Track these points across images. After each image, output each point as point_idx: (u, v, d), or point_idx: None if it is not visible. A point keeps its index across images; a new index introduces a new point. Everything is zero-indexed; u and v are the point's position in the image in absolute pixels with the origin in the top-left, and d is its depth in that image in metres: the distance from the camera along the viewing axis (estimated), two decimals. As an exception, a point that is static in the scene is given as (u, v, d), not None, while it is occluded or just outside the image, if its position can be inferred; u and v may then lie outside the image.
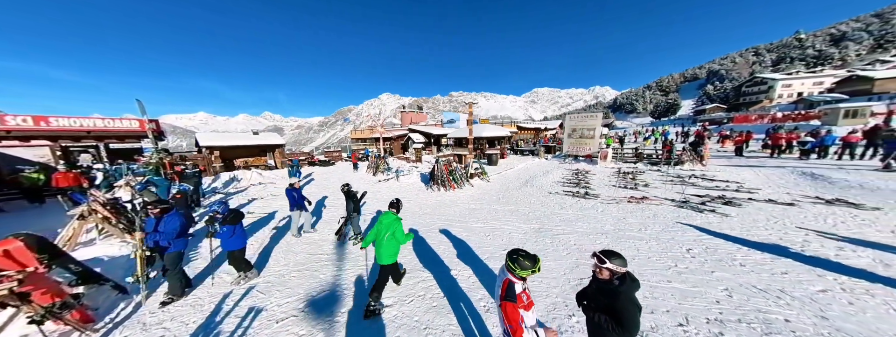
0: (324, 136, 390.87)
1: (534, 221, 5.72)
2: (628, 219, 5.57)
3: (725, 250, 4.14)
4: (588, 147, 14.58)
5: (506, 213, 6.43)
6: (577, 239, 4.73)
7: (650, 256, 4.08)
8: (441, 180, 9.11)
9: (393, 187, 10.16)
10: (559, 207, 6.65)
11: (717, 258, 3.94)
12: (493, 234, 5.16)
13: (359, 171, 14.53)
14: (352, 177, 13.19)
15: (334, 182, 11.99)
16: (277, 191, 10.16)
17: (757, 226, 4.92)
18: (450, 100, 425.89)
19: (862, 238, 4.17)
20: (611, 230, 5.02)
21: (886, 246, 3.90)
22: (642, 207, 6.40)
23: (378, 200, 8.19)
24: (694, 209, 5.99)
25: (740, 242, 4.32)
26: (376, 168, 13.02)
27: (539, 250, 4.39)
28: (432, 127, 26.73)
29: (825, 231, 4.50)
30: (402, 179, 10.93)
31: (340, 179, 12.39)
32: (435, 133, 23.32)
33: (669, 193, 7.68)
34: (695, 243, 4.39)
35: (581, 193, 7.75)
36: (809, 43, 68.88)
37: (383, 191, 9.63)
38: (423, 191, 9.28)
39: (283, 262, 4.55)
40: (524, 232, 5.20)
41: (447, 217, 6.32)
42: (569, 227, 5.32)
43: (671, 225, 5.12)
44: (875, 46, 58.51)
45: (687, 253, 4.12)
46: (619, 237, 4.70)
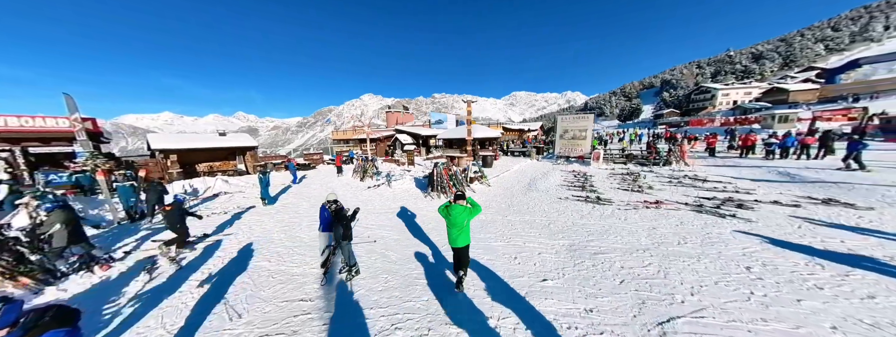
0: (302, 138, 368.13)
1: (559, 236, 4.76)
2: (658, 229, 4.82)
3: (785, 267, 3.47)
4: (580, 148, 14.27)
5: (523, 225, 5.41)
6: (621, 259, 3.82)
7: (716, 280, 3.26)
8: (441, 186, 7.90)
9: (385, 195, 8.73)
10: (578, 216, 5.78)
11: (786, 279, 3.23)
12: (520, 256, 4.09)
13: (343, 175, 12.76)
14: (336, 183, 11.45)
15: (316, 191, 10.19)
16: (246, 201, 8.25)
17: (786, 231, 4.41)
18: (432, 101, 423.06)
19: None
20: (650, 245, 4.20)
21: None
22: (662, 212, 5.76)
23: (373, 215, 6.74)
24: (714, 214, 5.44)
25: (790, 254, 3.71)
26: (364, 172, 11.42)
27: (585, 279, 3.40)
28: (419, 127, 25.29)
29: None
30: (394, 185, 9.53)
31: (323, 188, 10.61)
32: (423, 134, 21.94)
33: (676, 195, 7.22)
34: (747, 259, 3.69)
35: (593, 199, 7.00)
36: (737, 59, 77.84)
37: (375, 200, 8.16)
38: (422, 199, 7.99)
39: (241, 322, 2.93)
40: (555, 250, 4.20)
41: None
42: (601, 242, 4.43)
43: (706, 235, 4.43)
44: (783, 64, 67.59)
45: (750, 273, 3.37)
46: (664, 255, 3.87)
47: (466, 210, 3.17)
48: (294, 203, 8.22)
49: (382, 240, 4.95)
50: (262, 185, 7.60)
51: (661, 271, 3.46)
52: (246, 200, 8.46)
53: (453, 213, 3.14)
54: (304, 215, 6.83)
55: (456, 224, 3.12)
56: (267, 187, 7.67)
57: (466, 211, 3.16)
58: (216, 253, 4.57)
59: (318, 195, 9.16)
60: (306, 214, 6.98)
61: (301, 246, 4.87)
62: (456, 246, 3.19)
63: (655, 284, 3.20)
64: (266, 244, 4.92)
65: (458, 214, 3.13)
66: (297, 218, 6.60)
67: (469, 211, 3.18)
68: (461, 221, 3.12)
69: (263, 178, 7.69)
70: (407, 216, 6.35)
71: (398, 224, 5.80)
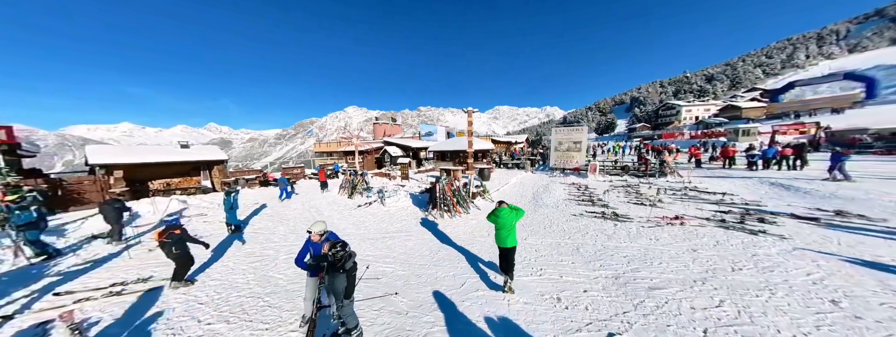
0: (281, 150, 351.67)
1: (596, 264, 4.05)
2: (700, 251, 4.29)
3: (864, 296, 2.99)
4: (575, 160, 14.20)
5: (549, 250, 4.67)
6: (685, 296, 3.15)
7: (816, 324, 2.64)
8: (445, 204, 7.04)
9: (379, 215, 7.67)
10: (604, 237, 5.16)
11: (884, 315, 2.71)
12: (563, 296, 3.27)
13: (329, 191, 11.46)
14: (320, 200, 10.15)
15: (296, 211, 8.78)
16: (206, 227, 6.78)
17: (833, 248, 4.06)
18: (418, 114, 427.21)
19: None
20: (705, 274, 3.60)
21: None
22: (689, 229, 5.30)
23: (368, 243, 5.68)
24: (743, 230, 5.07)
25: (858, 277, 3.26)
26: (352, 188, 10.27)
27: (660, 331, 2.65)
28: (410, 139, 24.51)
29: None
30: (389, 203, 8.51)
31: (305, 207, 9.23)
32: (414, 146, 21.14)
33: (689, 209, 6.91)
34: (822, 288, 3.18)
35: (610, 215, 6.49)
36: (693, 80, 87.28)
37: (368, 222, 7.08)
38: (421, 218, 7.04)
39: None
40: (601, 285, 3.45)
41: (479, 264, 4.26)
42: (648, 270, 3.77)
43: (755, 258, 3.94)
44: (731, 85, 76.67)
45: (840, 309, 2.83)
46: (730, 288, 3.27)
47: (512, 212, 3.51)
48: (268, 228, 6.88)
49: (386, 277, 3.94)
50: (225, 207, 6.20)
51: (741, 312, 2.81)
52: (207, 226, 6.99)
53: (502, 215, 3.46)
54: (282, 244, 5.59)
55: (505, 226, 3.43)
56: (233, 210, 6.20)
57: (513, 213, 3.50)
58: (149, 310, 3.29)
59: (298, 218, 7.86)
60: (283, 242, 5.73)
61: (275, 292, 3.70)
62: (505, 246, 3.44)
63: (747, 334, 2.53)
64: (226, 292, 3.71)
65: (506, 216, 3.45)
66: (272, 249, 5.34)
67: (515, 213, 3.51)
68: (510, 222, 3.44)
69: (228, 198, 6.20)
70: (410, 242, 5.37)
71: (401, 254, 4.81)
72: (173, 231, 3.61)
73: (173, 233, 3.59)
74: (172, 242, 3.57)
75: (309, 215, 7.92)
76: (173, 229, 3.63)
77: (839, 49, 69.64)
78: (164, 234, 3.57)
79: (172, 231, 3.60)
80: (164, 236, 3.55)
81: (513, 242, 3.42)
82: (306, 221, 7.24)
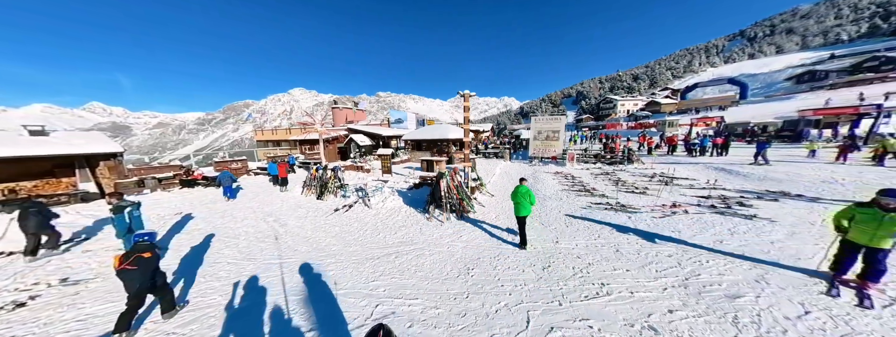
0: (206, 138, 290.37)
1: (650, 269, 3.61)
2: (725, 242, 4.26)
3: None
4: (553, 149, 14.46)
5: (591, 254, 4.08)
6: (766, 304, 2.85)
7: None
8: (451, 204, 5.92)
9: (365, 221, 6.14)
10: (631, 234, 4.85)
11: None
12: (657, 324, 2.63)
13: (289, 191, 9.10)
14: (279, 204, 7.89)
15: (250, 231, 6.52)
16: (89, 263, 4.23)
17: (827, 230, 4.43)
18: (377, 100, 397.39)
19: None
20: (757, 270, 3.45)
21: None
22: (693, 217, 5.42)
23: (369, 264, 4.24)
24: (738, 216, 5.38)
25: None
26: (322, 187, 8.23)
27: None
28: (378, 127, 21.88)
29: None
30: (374, 203, 6.97)
31: (260, 219, 6.84)
32: (385, 134, 18.89)
33: (675, 195, 7.33)
34: None
35: (617, 206, 6.37)
36: (624, 78, 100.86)
37: (355, 231, 5.53)
38: (424, 223, 5.81)
39: None
40: (680, 301, 2.93)
41: (536, 284, 3.37)
42: (705, 273, 3.46)
43: (775, 244, 4.02)
44: (650, 84, 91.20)
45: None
46: (788, 285, 3.12)
47: (529, 191, 4.42)
48: (204, 255, 4.75)
49: (418, 324, 2.74)
50: (119, 230, 3.84)
51: (832, 321, 2.58)
52: (91, 259, 4.45)
53: (521, 191, 4.40)
54: (236, 299, 3.71)
55: (523, 201, 4.33)
56: (130, 235, 3.90)
57: (529, 191, 4.42)
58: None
59: (251, 233, 5.75)
60: (237, 287, 3.86)
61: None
62: (521, 215, 4.36)
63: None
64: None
65: (525, 192, 4.39)
66: (218, 302, 3.47)
67: (530, 192, 4.42)
68: (528, 197, 4.36)
69: (121, 216, 3.86)
70: (426, 260, 4.17)
71: (422, 280, 3.60)
72: (141, 255, 2.66)
73: (141, 257, 2.65)
74: (141, 271, 2.61)
75: (266, 227, 5.89)
76: (142, 252, 2.68)
77: (719, 60, 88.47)
78: (129, 258, 2.59)
79: (140, 255, 2.65)
80: (129, 262, 2.57)
81: (527, 212, 4.35)
82: (263, 238, 5.29)
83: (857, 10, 72.43)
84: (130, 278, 2.60)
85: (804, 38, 74.18)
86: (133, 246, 2.78)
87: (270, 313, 3.00)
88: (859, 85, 33.84)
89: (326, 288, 3.46)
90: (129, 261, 2.59)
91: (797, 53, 67.07)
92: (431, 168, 12.61)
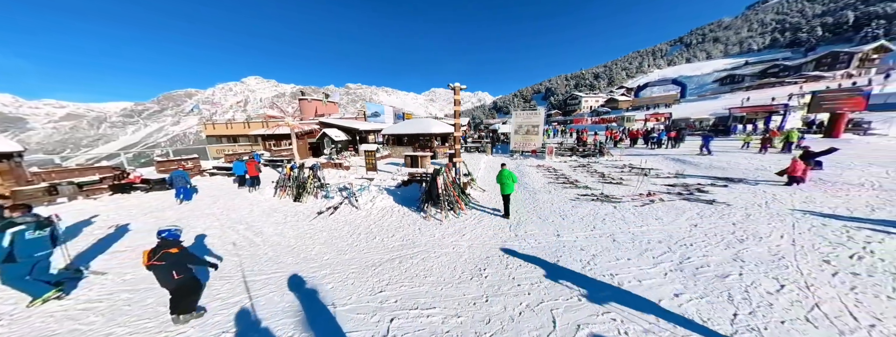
0: (138, 133, 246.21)
1: (647, 256, 3.84)
2: (700, 226, 4.73)
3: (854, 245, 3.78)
4: (533, 143, 14.94)
5: (593, 246, 4.22)
6: (750, 281, 3.19)
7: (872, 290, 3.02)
8: (449, 201, 5.69)
9: (357, 223, 5.63)
10: (621, 222, 5.14)
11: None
12: (674, 309, 2.79)
13: (262, 193, 8.00)
14: (248, 209, 6.87)
15: (220, 249, 5.54)
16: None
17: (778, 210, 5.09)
18: (347, 91, 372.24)
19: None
20: (733, 252, 3.87)
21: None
22: (667, 205, 5.97)
23: (380, 273, 3.83)
24: (701, 201, 6.05)
25: (826, 231, 3.99)
26: (300, 188, 7.37)
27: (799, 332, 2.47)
28: (353, 121, 20.41)
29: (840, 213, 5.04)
30: (362, 204, 6.45)
31: (226, 229, 5.79)
32: (361, 128, 17.71)
33: (646, 184, 8.05)
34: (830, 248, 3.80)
35: (601, 197, 6.76)
36: (586, 76, 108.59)
37: (346, 235, 5.02)
38: (419, 222, 5.52)
39: None
40: (682, 284, 3.15)
41: (555, 280, 3.34)
42: (694, 255, 3.77)
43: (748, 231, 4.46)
44: (609, 83, 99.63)
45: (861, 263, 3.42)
46: (757, 262, 3.56)
47: (511, 173, 5.51)
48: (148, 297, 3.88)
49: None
50: (20, 265, 2.83)
51: (803, 294, 2.98)
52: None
53: (505, 174, 5.49)
54: None
55: (507, 181, 5.41)
56: (42, 266, 2.98)
57: (511, 173, 5.52)
58: None
59: (217, 244, 4.88)
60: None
61: None
62: (506, 193, 5.48)
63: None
64: None
65: (508, 175, 5.46)
66: None
67: (512, 174, 5.50)
68: (510, 178, 5.44)
69: (22, 240, 2.85)
70: (432, 262, 3.91)
71: (434, 285, 3.36)
72: (169, 250, 2.65)
73: (169, 253, 2.64)
74: (170, 266, 2.64)
75: (237, 237, 5.06)
76: (168, 248, 2.67)
77: (663, 62, 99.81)
78: (157, 255, 2.60)
79: (167, 250, 2.64)
80: (157, 258, 2.58)
81: (511, 190, 5.44)
82: (236, 250, 4.53)
83: (763, 24, 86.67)
84: (161, 273, 2.66)
85: (726, 47, 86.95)
86: (159, 242, 2.77)
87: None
88: (766, 88, 40.93)
89: (327, 305, 3.04)
90: (157, 257, 2.62)
91: (722, 59, 78.59)
92: (416, 164, 12.18)
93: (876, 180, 6.55)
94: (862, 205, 5.28)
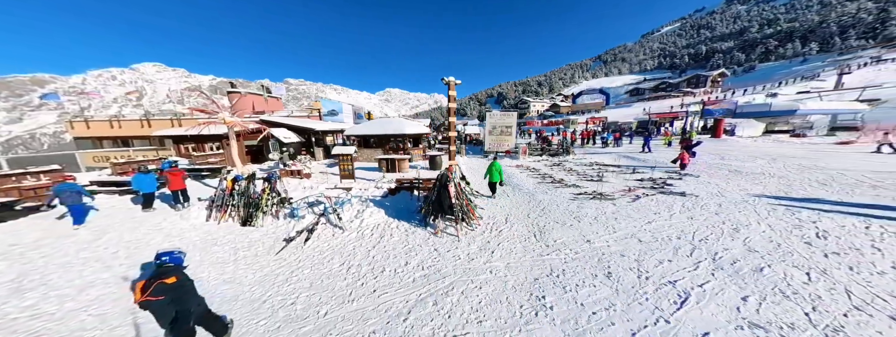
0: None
1: (682, 253, 3.82)
2: (695, 219, 5.12)
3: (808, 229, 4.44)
4: (507, 143, 15.17)
5: (625, 248, 4.02)
6: (787, 274, 3.37)
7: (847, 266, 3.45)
8: (463, 211, 4.83)
9: (349, 252, 4.27)
10: (632, 220, 5.20)
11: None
12: (759, 315, 2.60)
13: (185, 216, 5.54)
14: (177, 239, 4.59)
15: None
16: None
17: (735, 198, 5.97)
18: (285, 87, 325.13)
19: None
20: (754, 249, 4.17)
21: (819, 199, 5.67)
22: (651, 200, 6.44)
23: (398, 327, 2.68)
24: (675, 194, 6.77)
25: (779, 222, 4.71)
26: (251, 208, 5.37)
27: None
28: (306, 119, 17.22)
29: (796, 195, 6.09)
30: (346, 222, 5.04)
31: (122, 277, 3.61)
32: (319, 129, 15.06)
33: (621, 180, 8.77)
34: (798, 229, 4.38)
35: (597, 195, 6.94)
36: (531, 84, 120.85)
37: (338, 271, 3.68)
38: (432, 240, 4.51)
39: None
40: (736, 284, 3.12)
41: (635, 319, 2.83)
42: (722, 250, 3.90)
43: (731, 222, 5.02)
44: (550, 90, 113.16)
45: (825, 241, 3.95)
46: (782, 253, 3.89)
47: (499, 165, 6.92)
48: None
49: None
50: None
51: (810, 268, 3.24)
52: None
53: (496, 166, 6.86)
54: None
55: (496, 172, 6.83)
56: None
57: (500, 166, 6.95)
58: None
59: (128, 309, 2.92)
60: None
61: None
62: (494, 181, 6.96)
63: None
64: None
65: (498, 167, 6.86)
66: None
67: (500, 167, 6.94)
68: (498, 169, 6.86)
69: None
70: (475, 297, 3.02)
71: (493, 332, 2.50)
72: (164, 281, 2.12)
73: (164, 284, 2.12)
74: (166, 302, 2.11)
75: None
76: (164, 277, 2.15)
77: (589, 75, 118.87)
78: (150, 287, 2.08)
79: (162, 281, 2.12)
80: (150, 292, 2.07)
81: (498, 178, 6.82)
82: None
83: (652, 50, 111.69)
84: (157, 310, 2.09)
85: (630, 65, 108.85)
86: (156, 271, 2.24)
87: None
88: (660, 99, 52.39)
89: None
90: (150, 290, 2.06)
91: (628, 75, 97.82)
92: (393, 168, 10.85)
93: (766, 170, 8.46)
94: (775, 189, 6.64)
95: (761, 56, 71.19)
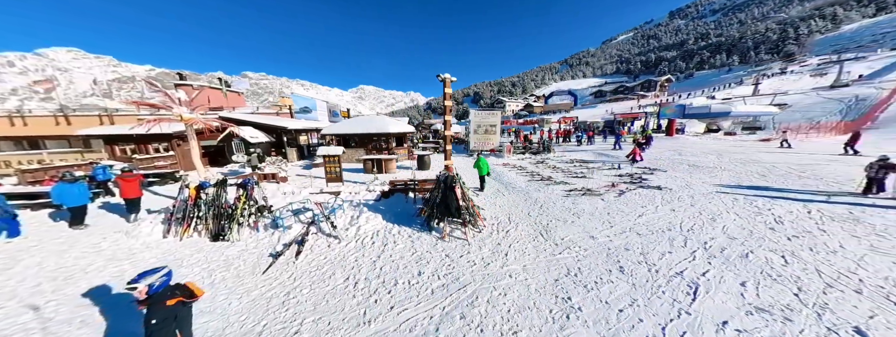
0: None
1: (681, 243, 4.08)
2: (677, 211, 5.56)
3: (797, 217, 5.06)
4: (491, 142, 15.30)
5: (633, 243, 4.18)
6: (774, 253, 3.74)
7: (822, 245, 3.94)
8: (470, 213, 4.62)
9: (352, 264, 3.81)
10: (624, 215, 5.48)
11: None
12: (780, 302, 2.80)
13: (133, 234, 4.48)
14: (125, 261, 3.63)
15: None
16: None
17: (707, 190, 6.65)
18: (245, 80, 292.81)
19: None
20: (739, 237, 4.58)
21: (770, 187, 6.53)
22: (636, 194, 6.90)
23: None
24: (653, 188, 7.35)
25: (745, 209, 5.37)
26: (223, 218, 4.55)
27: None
28: (275, 117, 15.46)
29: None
30: (341, 230, 4.54)
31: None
32: (291, 127, 13.64)
33: (603, 176, 9.32)
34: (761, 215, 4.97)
35: (586, 191, 7.24)
36: (506, 84, 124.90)
37: (342, 288, 3.24)
38: (439, 246, 4.23)
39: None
40: (748, 277, 3.38)
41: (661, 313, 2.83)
42: (722, 239, 4.25)
43: (708, 213, 5.64)
44: (523, 90, 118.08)
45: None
46: (772, 241, 4.32)
47: (486, 161, 7.50)
48: None
49: None
50: None
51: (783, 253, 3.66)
52: None
53: (482, 162, 7.45)
54: None
55: (483, 166, 7.41)
56: None
57: (487, 161, 7.56)
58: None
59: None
60: None
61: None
62: (483, 174, 7.49)
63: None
64: None
65: (484, 161, 7.45)
66: None
67: (487, 162, 7.56)
68: (485, 163, 7.45)
69: None
70: (506, 308, 2.84)
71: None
72: (165, 303, 1.88)
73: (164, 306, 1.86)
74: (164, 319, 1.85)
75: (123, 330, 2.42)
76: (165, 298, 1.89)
77: (557, 77, 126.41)
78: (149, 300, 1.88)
79: (164, 303, 1.87)
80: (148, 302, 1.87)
81: (487, 171, 7.49)
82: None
83: (611, 56, 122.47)
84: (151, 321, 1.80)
85: (593, 69, 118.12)
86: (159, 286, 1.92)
87: None
88: (619, 101, 57.65)
89: None
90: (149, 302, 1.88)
91: (592, 78, 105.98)
92: (380, 169, 10.26)
93: (717, 164, 9.65)
94: (729, 180, 7.58)
95: (697, 65, 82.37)
